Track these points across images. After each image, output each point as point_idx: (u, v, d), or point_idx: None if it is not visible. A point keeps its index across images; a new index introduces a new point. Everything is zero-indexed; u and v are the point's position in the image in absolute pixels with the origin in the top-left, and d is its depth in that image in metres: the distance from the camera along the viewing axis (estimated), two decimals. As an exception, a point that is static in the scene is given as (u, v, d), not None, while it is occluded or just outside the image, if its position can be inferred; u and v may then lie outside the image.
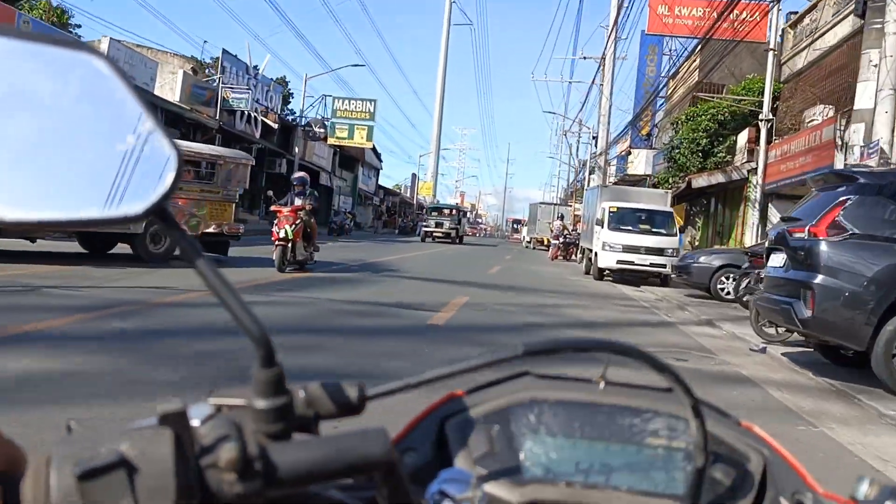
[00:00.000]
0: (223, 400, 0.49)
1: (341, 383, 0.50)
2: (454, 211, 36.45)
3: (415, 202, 60.55)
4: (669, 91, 28.50)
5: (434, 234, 34.04)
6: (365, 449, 0.46)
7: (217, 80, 24.55)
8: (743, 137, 20.48)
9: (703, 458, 0.57)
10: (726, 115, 21.75)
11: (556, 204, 45.52)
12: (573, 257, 26.11)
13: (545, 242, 38.08)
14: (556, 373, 0.69)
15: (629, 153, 33.49)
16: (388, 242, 28.29)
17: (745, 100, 20.26)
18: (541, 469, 0.62)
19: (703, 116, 22.11)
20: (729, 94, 22.39)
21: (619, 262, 15.71)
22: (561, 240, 26.12)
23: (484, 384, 0.68)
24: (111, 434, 0.42)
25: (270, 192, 15.79)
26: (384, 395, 0.53)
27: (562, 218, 27.93)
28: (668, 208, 17.16)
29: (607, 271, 16.39)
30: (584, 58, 42.74)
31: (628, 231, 16.02)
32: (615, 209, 16.43)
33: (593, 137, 42.34)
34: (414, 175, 64.51)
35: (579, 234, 27.32)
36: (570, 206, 50.42)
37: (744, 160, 20.02)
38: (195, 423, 0.44)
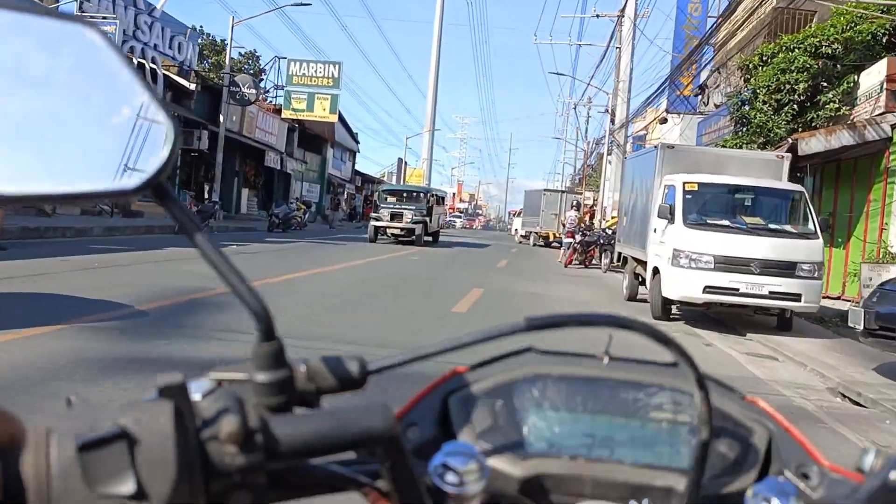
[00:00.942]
0: (224, 374, 0.48)
1: (342, 357, 0.51)
2: (422, 195, 23.55)
3: (401, 191, 52.80)
4: (718, 39, 20.71)
5: (389, 230, 21.83)
6: (367, 422, 0.46)
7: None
8: (872, 76, 12.78)
9: (708, 431, 0.55)
10: (835, 46, 14.04)
11: (564, 191, 37.52)
12: (596, 262, 18.59)
13: (551, 238, 30.68)
14: (559, 348, 0.68)
15: (663, 122, 25.86)
16: (331, 243, 19.56)
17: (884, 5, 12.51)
18: (544, 443, 0.61)
19: (797, 51, 14.38)
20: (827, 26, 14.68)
21: (709, 289, 8.01)
22: (578, 238, 18.51)
23: (487, 360, 0.67)
24: (111, 408, 0.42)
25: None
26: (386, 369, 0.52)
27: (577, 207, 20.28)
28: (791, 185, 9.36)
29: (679, 304, 8.73)
30: (598, 16, 34.93)
31: (724, 229, 8.34)
32: (694, 187, 8.73)
33: (609, 111, 35.21)
34: (400, 160, 55.72)
35: (605, 231, 19.66)
36: (580, 194, 43.40)
37: (877, 111, 12.35)
38: (196, 397, 0.44)
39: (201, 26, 42.97)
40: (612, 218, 25.92)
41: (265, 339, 0.47)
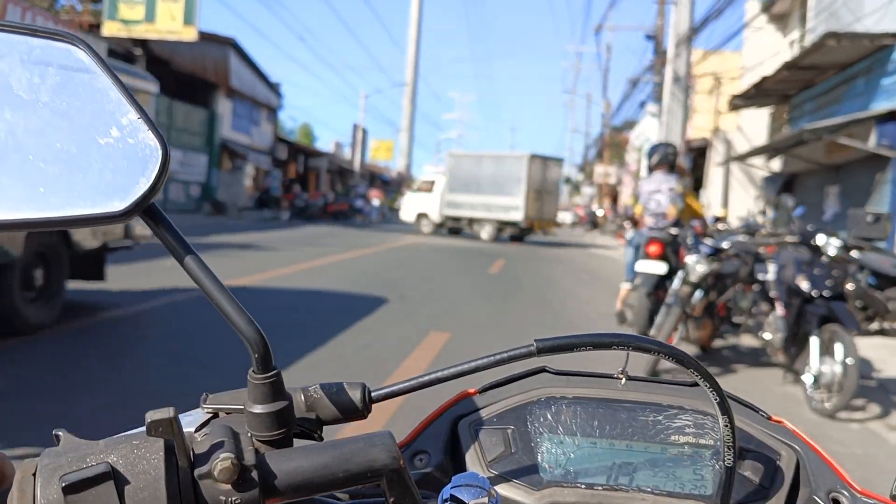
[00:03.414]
0: (219, 406, 0.47)
1: (344, 384, 0.49)
2: None
3: (357, 169, 39.34)
4: None
5: None
6: (370, 455, 0.44)
7: None
8: None
9: (733, 455, 0.53)
10: None
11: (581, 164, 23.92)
12: (734, 331, 5.75)
13: (536, 230, 21.10)
14: (573, 369, 0.65)
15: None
16: None
17: None
18: (559, 471, 0.59)
19: None
20: None
21: None
22: (700, 267, 5.56)
23: (498, 381, 0.64)
24: (100, 444, 0.40)
25: None
26: (390, 396, 0.51)
27: (672, 166, 7.04)
28: None
29: None
30: None
31: None
32: None
33: (650, 38, 23.23)
34: (356, 126, 38.56)
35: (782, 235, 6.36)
36: (601, 171, 30.61)
37: None
38: (189, 430, 0.43)
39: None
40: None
41: (262, 369, 0.44)
